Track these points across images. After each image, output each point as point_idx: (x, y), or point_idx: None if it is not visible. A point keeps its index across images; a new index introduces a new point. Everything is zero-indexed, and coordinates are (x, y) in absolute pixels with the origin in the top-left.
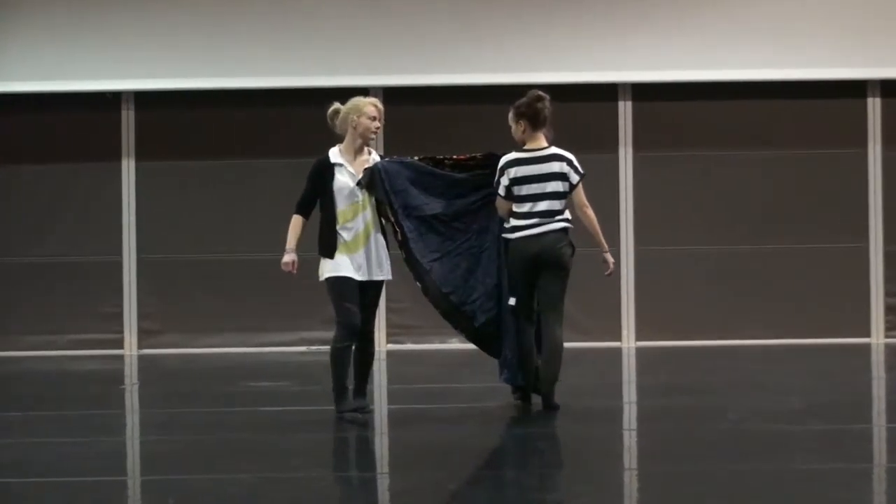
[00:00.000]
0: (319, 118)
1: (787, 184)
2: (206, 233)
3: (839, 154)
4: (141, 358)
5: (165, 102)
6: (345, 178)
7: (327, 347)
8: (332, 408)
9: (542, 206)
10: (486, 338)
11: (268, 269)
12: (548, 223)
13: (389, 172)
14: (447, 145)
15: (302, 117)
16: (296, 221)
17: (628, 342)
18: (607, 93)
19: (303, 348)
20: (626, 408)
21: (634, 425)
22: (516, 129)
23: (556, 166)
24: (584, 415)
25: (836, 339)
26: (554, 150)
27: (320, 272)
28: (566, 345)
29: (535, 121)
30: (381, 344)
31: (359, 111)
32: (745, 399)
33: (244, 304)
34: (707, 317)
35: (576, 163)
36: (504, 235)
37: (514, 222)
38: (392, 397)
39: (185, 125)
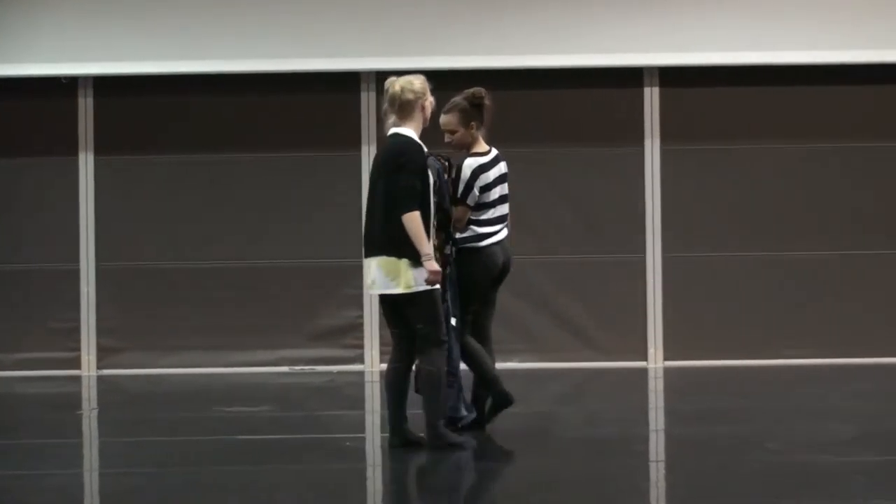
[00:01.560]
0: (305, 106)
1: (838, 181)
2: (175, 237)
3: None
4: (100, 379)
5: (129, 88)
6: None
7: (312, 368)
8: (320, 436)
9: (503, 209)
10: None
11: (244, 278)
12: (506, 228)
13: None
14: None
15: (285, 105)
16: (420, 219)
17: (655, 362)
18: (631, 77)
19: (285, 368)
20: (652, 437)
21: (662, 457)
22: (465, 132)
23: (503, 166)
24: (605, 445)
25: (893, 358)
26: (494, 149)
27: (410, 280)
28: (585, 365)
29: (482, 120)
30: (375, 363)
31: (427, 92)
32: (789, 427)
33: (218, 319)
34: (745, 333)
35: None
36: (470, 245)
37: (479, 230)
38: (386, 424)
39: (151, 114)
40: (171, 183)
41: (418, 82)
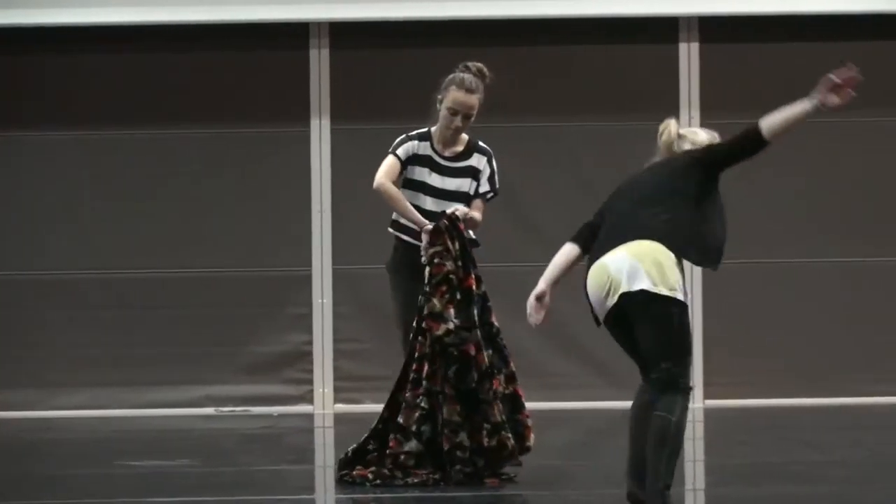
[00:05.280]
0: (237, 67)
1: None
2: (66, 238)
3: None
4: None
5: (8, 43)
6: None
7: (244, 409)
8: (257, 497)
9: None
10: None
11: (157, 292)
12: None
13: None
14: (421, 105)
15: (210, 66)
16: None
17: (693, 401)
18: (663, 30)
19: (211, 410)
20: (689, 498)
21: None
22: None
23: None
24: None
25: None
26: None
27: (675, 283)
28: (605, 404)
29: None
30: (326, 404)
31: None
32: (873, 486)
33: (123, 346)
34: (811, 363)
35: None
36: None
37: None
38: (343, 483)
39: (36, 77)
40: (61, 167)
41: None
